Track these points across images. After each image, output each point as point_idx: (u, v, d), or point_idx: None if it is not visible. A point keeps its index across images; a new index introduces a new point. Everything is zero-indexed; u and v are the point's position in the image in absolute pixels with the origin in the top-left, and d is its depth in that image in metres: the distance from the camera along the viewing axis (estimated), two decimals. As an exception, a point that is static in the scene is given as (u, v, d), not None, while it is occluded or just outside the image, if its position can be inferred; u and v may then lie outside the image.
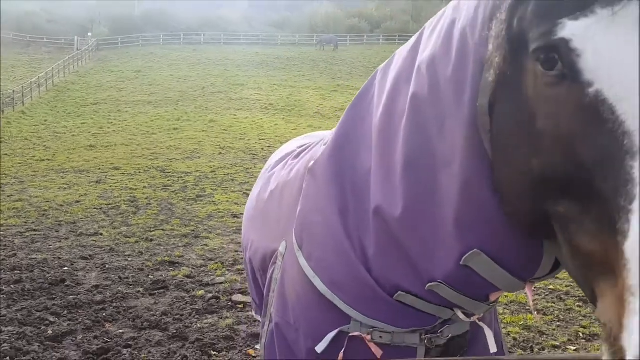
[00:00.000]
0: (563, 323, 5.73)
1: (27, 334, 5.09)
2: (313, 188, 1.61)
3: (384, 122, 1.42)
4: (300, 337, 1.56)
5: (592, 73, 0.92)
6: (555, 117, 0.97)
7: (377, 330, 1.44)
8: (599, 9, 0.92)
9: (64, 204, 11.49)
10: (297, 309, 1.58)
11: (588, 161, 0.90)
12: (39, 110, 30.20)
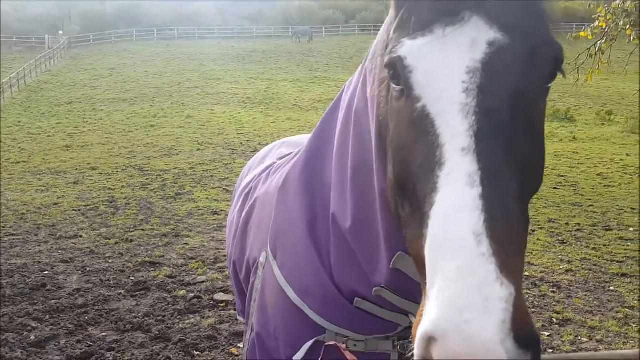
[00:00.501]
0: (537, 309, 5.91)
1: (9, 341, 5.10)
2: (284, 199, 1.68)
3: (341, 134, 1.51)
4: (280, 346, 1.63)
5: (421, 89, 1.01)
6: (398, 128, 1.08)
7: (351, 339, 1.52)
8: (437, 29, 1.00)
9: (42, 206, 11.37)
10: (276, 318, 1.65)
11: (415, 170, 1.00)
12: (12, 111, 29.62)
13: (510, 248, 0.84)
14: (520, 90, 1.00)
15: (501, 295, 0.76)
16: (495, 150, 0.93)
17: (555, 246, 8.30)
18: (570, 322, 5.61)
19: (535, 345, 0.80)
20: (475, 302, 0.75)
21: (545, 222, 9.67)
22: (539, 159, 1.08)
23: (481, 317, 0.74)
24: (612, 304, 6.10)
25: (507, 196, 0.90)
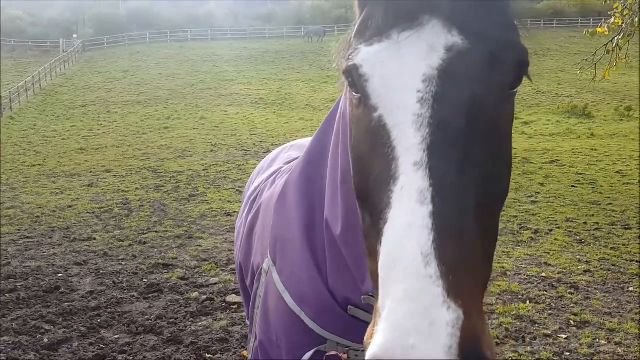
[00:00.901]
0: (555, 311, 5.80)
1: (22, 343, 5.11)
2: (283, 204, 1.65)
3: (335, 138, 1.47)
4: (282, 354, 1.60)
5: (377, 98, 0.96)
6: (357, 137, 1.03)
7: (353, 349, 1.48)
8: (394, 34, 0.94)
9: (56, 209, 11.46)
10: (278, 326, 1.62)
11: (372, 182, 0.94)
12: (27, 114, 29.99)
13: (462, 268, 0.80)
14: (480, 97, 0.93)
15: (447, 319, 0.74)
16: (449, 164, 0.88)
17: (573, 246, 8.15)
18: (588, 325, 5.48)
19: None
20: (421, 327, 0.73)
21: (563, 221, 9.51)
22: (502, 168, 1.00)
23: (426, 342, 0.72)
24: (631, 305, 5.96)
25: (460, 213, 0.85)
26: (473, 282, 0.82)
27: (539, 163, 15.48)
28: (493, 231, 0.98)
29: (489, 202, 0.93)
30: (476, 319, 0.78)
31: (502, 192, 1.01)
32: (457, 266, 0.79)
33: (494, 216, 0.98)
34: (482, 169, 0.92)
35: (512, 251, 7.88)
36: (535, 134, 22.19)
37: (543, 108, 28.99)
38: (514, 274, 6.93)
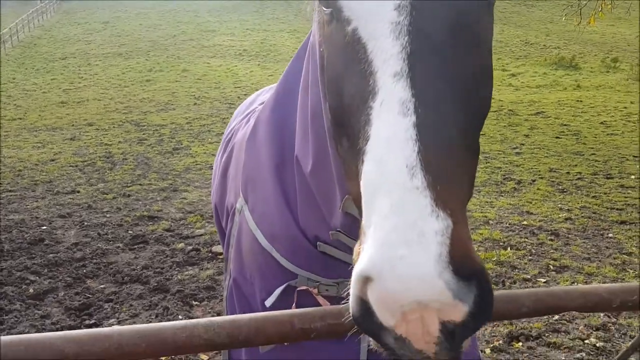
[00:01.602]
0: (534, 257, 5.92)
1: (8, 294, 5.12)
2: (254, 143, 1.62)
3: (305, 76, 1.43)
4: (256, 290, 1.60)
5: (350, 10, 0.91)
6: (330, 57, 0.98)
7: (323, 284, 1.48)
8: None
9: (38, 163, 11.31)
10: (251, 263, 1.62)
11: (348, 102, 0.90)
12: (6, 67, 29.17)
13: (448, 178, 0.78)
14: (459, 4, 0.89)
15: (437, 228, 0.72)
16: (431, 74, 0.84)
17: (555, 195, 8.26)
18: (567, 269, 5.61)
19: (479, 276, 0.76)
20: (410, 238, 0.71)
21: (546, 171, 9.60)
22: (484, 80, 0.96)
23: (416, 252, 0.70)
24: (610, 250, 6.09)
25: (444, 123, 0.82)
26: (460, 192, 0.80)
27: (525, 115, 15.50)
28: (475, 146, 0.95)
29: (472, 115, 0.90)
30: (466, 228, 0.77)
31: (484, 105, 0.98)
32: (443, 176, 0.77)
33: (477, 130, 0.96)
34: (465, 79, 0.88)
35: (495, 201, 7.97)
36: (522, 86, 22.15)
37: (530, 60, 28.83)
38: (496, 223, 7.02)
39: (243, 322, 1.09)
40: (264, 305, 1.53)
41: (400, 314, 0.74)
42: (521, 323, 4.53)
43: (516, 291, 1.18)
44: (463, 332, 0.77)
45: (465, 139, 0.85)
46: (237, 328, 1.07)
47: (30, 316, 4.74)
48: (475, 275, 0.75)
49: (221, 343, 1.07)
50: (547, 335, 4.37)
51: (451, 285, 0.72)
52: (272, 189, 1.49)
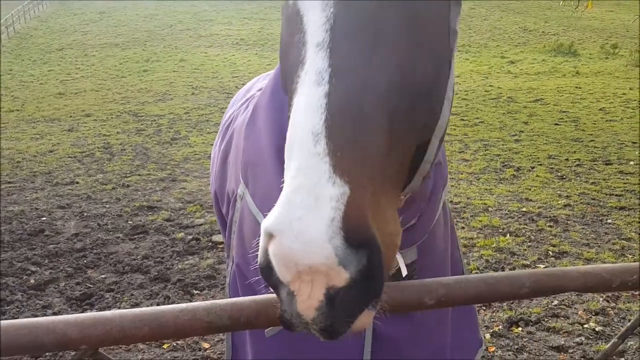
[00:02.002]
0: (534, 243, 5.93)
1: (9, 284, 5.13)
2: (253, 127, 1.60)
3: None
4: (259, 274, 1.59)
5: None
6: (281, 29, 1.03)
7: None
8: None
9: (37, 154, 11.28)
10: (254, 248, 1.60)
11: (289, 72, 0.93)
12: (2, 59, 29.02)
13: (353, 147, 0.78)
14: None
15: (332, 194, 0.74)
16: (351, 44, 0.84)
17: (554, 182, 8.27)
18: (566, 255, 5.63)
19: (369, 245, 0.77)
20: (307, 201, 0.74)
21: (545, 158, 9.60)
22: (428, 60, 0.93)
23: (311, 215, 0.73)
24: (609, 236, 6.11)
25: (358, 93, 0.82)
26: (368, 163, 0.80)
27: (524, 102, 15.47)
28: (416, 128, 0.93)
29: (397, 90, 0.87)
30: (365, 198, 0.78)
31: (428, 87, 0.94)
32: (346, 145, 0.78)
33: (420, 114, 0.93)
34: (395, 54, 0.87)
35: (495, 188, 7.98)
36: (520, 73, 22.09)
37: (529, 47, 28.73)
38: (495, 210, 7.04)
39: (245, 305, 1.09)
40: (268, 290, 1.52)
41: (294, 272, 0.76)
42: (520, 308, 4.56)
43: (516, 272, 1.18)
44: (345, 300, 0.78)
45: (381, 111, 0.84)
46: (238, 310, 1.08)
47: (32, 306, 4.76)
48: (366, 245, 0.76)
49: (223, 325, 1.08)
50: (547, 320, 4.39)
51: (338, 251, 0.73)
52: (274, 172, 1.48)
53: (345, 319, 0.80)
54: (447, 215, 1.67)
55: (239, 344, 1.77)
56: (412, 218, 1.38)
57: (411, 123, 0.91)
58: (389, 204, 0.84)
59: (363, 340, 1.52)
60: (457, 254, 1.76)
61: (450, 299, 1.11)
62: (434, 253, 1.57)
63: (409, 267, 1.51)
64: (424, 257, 1.52)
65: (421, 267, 1.53)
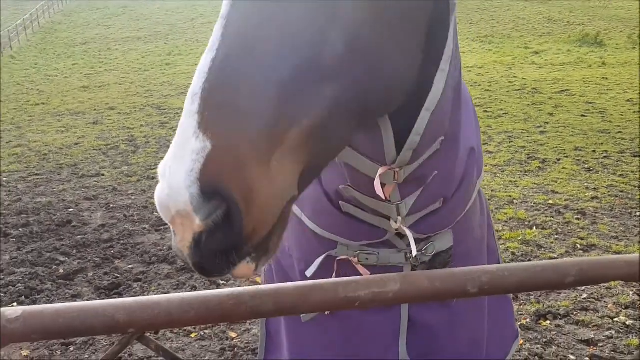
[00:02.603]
0: (561, 236, 5.85)
1: (39, 274, 5.24)
2: None
3: None
4: (294, 262, 1.60)
5: None
6: None
7: (364, 252, 1.46)
8: None
9: (63, 147, 11.47)
10: (289, 235, 1.61)
11: None
12: (28, 53, 29.53)
13: (219, 107, 0.82)
14: None
15: (194, 148, 0.80)
16: (246, 16, 0.88)
17: (581, 174, 8.13)
18: (594, 248, 5.54)
19: (224, 197, 0.82)
20: (177, 152, 0.81)
21: (571, 150, 9.44)
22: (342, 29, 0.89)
23: (176, 165, 0.80)
24: (638, 229, 5.99)
25: (242, 60, 0.84)
26: (236, 123, 0.82)
27: (549, 93, 15.23)
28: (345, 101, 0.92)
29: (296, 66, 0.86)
30: (227, 155, 0.81)
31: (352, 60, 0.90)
32: (215, 105, 0.82)
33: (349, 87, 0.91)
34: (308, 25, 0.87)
35: (520, 180, 7.88)
36: (545, 64, 21.73)
37: (554, 37, 28.23)
38: (520, 202, 6.95)
39: (288, 291, 1.09)
40: (304, 276, 1.52)
41: (169, 216, 0.83)
42: (548, 301, 4.51)
43: (561, 260, 1.16)
44: (208, 245, 0.84)
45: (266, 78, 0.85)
46: (282, 296, 1.08)
47: (62, 295, 4.85)
48: (219, 197, 0.82)
49: (267, 311, 1.08)
50: (575, 313, 4.34)
51: (193, 199, 0.80)
52: None
53: (216, 261, 0.88)
54: (484, 204, 1.65)
55: (273, 330, 1.78)
56: (431, 202, 1.36)
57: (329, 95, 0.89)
58: (278, 166, 0.86)
59: (398, 326, 1.52)
60: (493, 244, 1.74)
61: (493, 287, 1.10)
62: (470, 241, 1.56)
63: (444, 253, 1.50)
64: (458, 244, 1.51)
65: (456, 254, 1.51)
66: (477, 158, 1.47)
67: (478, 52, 26.56)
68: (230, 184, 0.82)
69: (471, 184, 1.45)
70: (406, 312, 1.50)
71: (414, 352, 1.52)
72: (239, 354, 3.93)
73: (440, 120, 1.15)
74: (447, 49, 1.07)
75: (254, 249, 0.89)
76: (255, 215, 0.85)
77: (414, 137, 1.11)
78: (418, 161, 1.22)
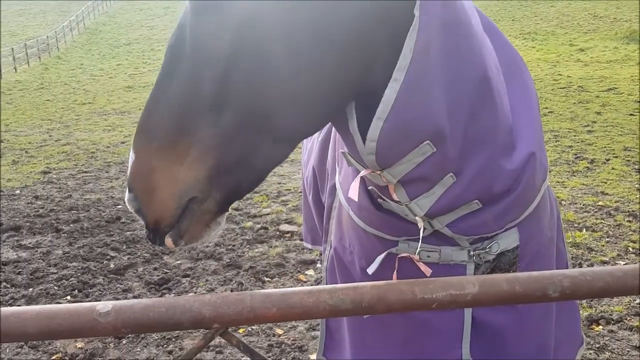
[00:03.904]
0: (612, 239, 5.68)
1: (91, 269, 5.41)
2: None
3: None
4: (355, 258, 1.61)
5: None
6: None
7: (425, 249, 1.46)
8: None
9: (110, 145, 11.80)
10: (351, 233, 1.62)
11: None
12: (74, 54, 30.46)
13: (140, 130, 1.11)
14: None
15: (130, 158, 1.12)
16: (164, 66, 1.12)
17: (632, 175, 7.87)
18: (648, 251, 5.36)
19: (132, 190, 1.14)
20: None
21: (620, 150, 9.15)
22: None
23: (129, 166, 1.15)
24: (695, 232, 5.77)
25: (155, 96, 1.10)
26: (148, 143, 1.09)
27: (596, 91, 14.79)
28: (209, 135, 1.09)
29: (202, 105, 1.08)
30: (141, 164, 1.10)
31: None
32: (141, 130, 1.11)
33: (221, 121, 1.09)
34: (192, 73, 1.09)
35: (567, 181, 7.69)
36: (591, 61, 21.12)
37: (600, 34, 27.39)
38: (569, 203, 6.78)
39: (366, 290, 1.10)
40: (364, 273, 1.53)
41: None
42: (601, 306, 4.39)
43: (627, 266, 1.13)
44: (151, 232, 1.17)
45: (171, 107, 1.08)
46: (360, 295, 1.09)
47: (113, 289, 5.00)
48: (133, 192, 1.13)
49: (345, 309, 1.09)
50: (629, 318, 4.21)
51: (127, 195, 1.14)
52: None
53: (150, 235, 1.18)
54: (554, 207, 1.62)
55: (333, 327, 1.80)
56: (462, 203, 1.34)
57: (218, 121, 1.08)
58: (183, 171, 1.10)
59: (462, 326, 1.50)
60: (562, 248, 1.70)
61: (574, 292, 1.08)
62: (539, 242, 1.53)
63: (510, 252, 1.47)
64: (526, 245, 1.48)
65: (524, 254, 1.49)
66: (538, 163, 1.42)
67: (521, 49, 25.99)
68: (137, 185, 1.11)
69: (529, 188, 1.40)
70: (469, 312, 1.49)
71: (478, 353, 1.51)
72: (285, 351, 3.97)
73: (405, 127, 1.15)
74: (401, 60, 1.09)
75: (167, 230, 1.15)
76: (156, 208, 1.12)
77: (369, 144, 1.17)
78: (400, 163, 1.22)
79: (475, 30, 1.21)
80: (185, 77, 1.07)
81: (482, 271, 1.49)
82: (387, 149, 1.18)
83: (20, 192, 8.56)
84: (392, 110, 1.11)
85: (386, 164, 1.23)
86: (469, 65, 1.19)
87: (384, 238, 1.51)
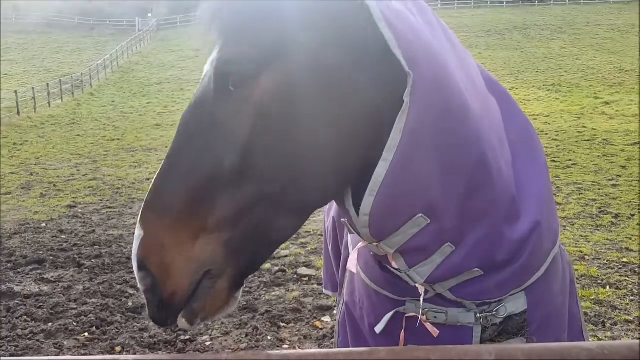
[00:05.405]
0: (637, 297, 5.54)
1: (109, 306, 5.44)
2: None
3: None
4: (364, 314, 1.62)
5: None
6: None
7: (432, 310, 1.47)
8: None
9: (135, 181, 12.02)
10: (360, 288, 1.65)
11: None
12: (106, 91, 31.43)
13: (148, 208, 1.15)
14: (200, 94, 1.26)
15: (137, 234, 1.14)
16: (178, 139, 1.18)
17: (658, 232, 7.71)
18: (676, 313, 5.20)
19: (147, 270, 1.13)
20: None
21: (646, 205, 9.00)
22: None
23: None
24: None
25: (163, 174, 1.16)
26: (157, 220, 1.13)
27: (621, 145, 14.67)
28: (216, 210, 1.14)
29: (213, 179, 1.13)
30: (152, 241, 1.12)
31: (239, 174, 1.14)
32: (146, 206, 1.15)
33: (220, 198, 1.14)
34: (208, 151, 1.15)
35: (591, 235, 7.57)
36: (616, 115, 21.02)
37: (625, 87, 27.34)
38: (592, 259, 6.66)
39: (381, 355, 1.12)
40: (373, 330, 1.54)
41: None
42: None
43: (661, 340, 1.12)
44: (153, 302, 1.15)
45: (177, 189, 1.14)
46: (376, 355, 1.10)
47: (130, 328, 5.02)
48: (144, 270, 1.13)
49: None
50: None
51: (136, 272, 1.14)
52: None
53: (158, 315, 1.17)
54: (567, 271, 1.62)
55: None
56: (463, 270, 1.35)
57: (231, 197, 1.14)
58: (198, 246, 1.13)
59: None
60: (576, 311, 1.68)
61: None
62: (549, 306, 1.52)
63: (517, 316, 1.47)
64: (535, 309, 1.48)
65: (533, 319, 1.48)
66: (546, 230, 1.43)
67: (544, 100, 26.03)
68: (150, 261, 1.12)
69: (535, 256, 1.41)
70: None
71: None
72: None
73: (395, 202, 1.21)
74: (390, 140, 1.16)
75: (180, 308, 1.15)
76: (171, 284, 1.12)
77: (363, 217, 1.22)
78: (395, 235, 1.27)
79: (472, 114, 1.26)
80: (204, 153, 1.13)
81: (490, 334, 1.48)
82: (380, 222, 1.24)
83: (46, 225, 8.74)
84: (381, 186, 1.18)
85: (381, 236, 1.28)
86: (464, 148, 1.25)
87: (392, 299, 1.53)
